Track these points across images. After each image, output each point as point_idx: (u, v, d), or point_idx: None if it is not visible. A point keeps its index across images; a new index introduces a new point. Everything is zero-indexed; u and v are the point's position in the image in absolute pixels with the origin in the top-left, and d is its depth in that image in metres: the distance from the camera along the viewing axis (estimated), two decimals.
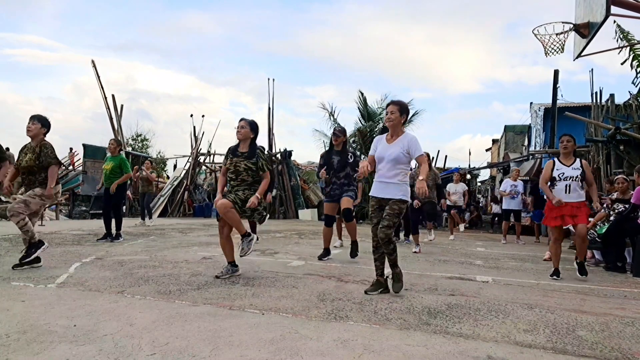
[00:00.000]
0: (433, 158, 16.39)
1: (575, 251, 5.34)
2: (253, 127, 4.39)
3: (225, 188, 4.39)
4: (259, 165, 4.29)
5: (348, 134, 8.66)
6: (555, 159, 5.19)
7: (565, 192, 4.91)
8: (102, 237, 6.98)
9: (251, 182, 4.27)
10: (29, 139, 4.67)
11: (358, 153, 18.01)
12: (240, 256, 4.22)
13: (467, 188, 12.11)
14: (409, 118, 4.30)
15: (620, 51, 9.40)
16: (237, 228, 4.20)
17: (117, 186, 7.01)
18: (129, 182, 7.95)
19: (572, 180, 4.91)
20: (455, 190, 11.20)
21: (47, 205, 4.75)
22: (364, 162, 4.00)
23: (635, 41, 9.29)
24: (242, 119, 4.40)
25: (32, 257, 4.44)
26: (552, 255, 5.21)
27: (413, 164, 4.37)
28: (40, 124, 4.62)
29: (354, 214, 5.77)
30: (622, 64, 9.75)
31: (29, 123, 4.59)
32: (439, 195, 8.39)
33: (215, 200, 4.22)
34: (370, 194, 3.97)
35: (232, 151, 4.39)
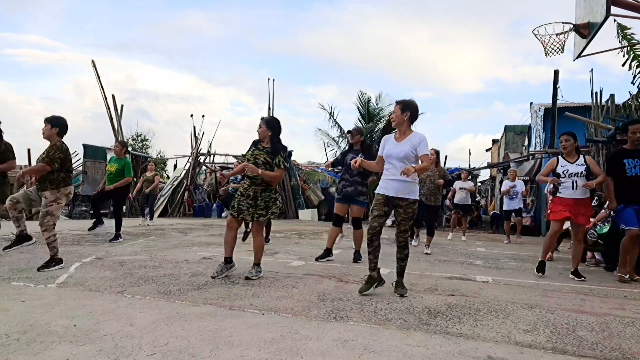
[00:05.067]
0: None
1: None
2: (270, 125, 4.51)
3: (242, 182, 4.52)
4: (276, 161, 4.38)
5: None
6: (560, 157, 5.30)
7: (573, 189, 5.00)
8: (92, 226, 7.14)
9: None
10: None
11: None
12: (246, 278, 4.25)
13: (473, 186, 11.87)
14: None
15: (621, 51, 9.37)
16: (256, 253, 4.42)
17: (120, 189, 7.11)
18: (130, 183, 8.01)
19: (577, 176, 5.01)
20: (463, 186, 10.94)
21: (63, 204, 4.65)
22: (357, 159, 4.01)
23: (635, 41, 9.24)
24: (261, 118, 4.67)
25: (50, 269, 4.37)
26: (545, 247, 5.32)
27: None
28: (50, 124, 4.59)
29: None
30: (622, 65, 9.70)
31: (43, 127, 4.60)
32: (443, 196, 8.24)
33: (221, 172, 4.30)
34: (376, 191, 3.92)
35: (255, 143, 4.55)
